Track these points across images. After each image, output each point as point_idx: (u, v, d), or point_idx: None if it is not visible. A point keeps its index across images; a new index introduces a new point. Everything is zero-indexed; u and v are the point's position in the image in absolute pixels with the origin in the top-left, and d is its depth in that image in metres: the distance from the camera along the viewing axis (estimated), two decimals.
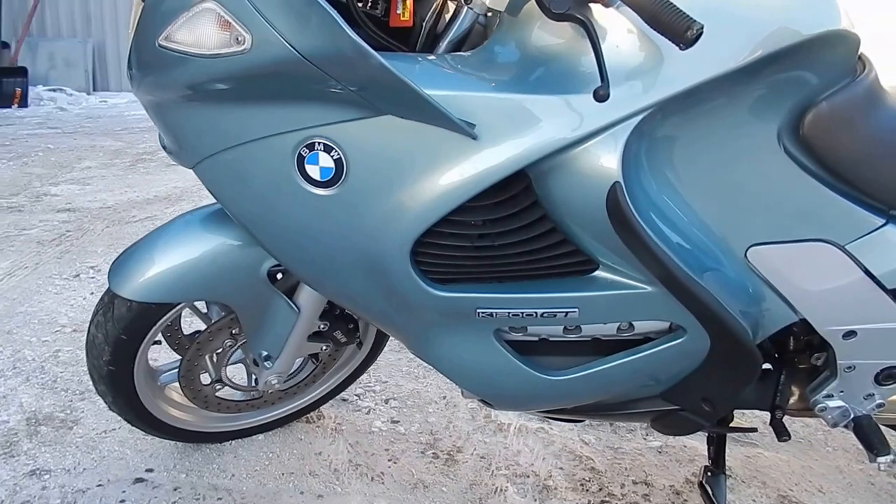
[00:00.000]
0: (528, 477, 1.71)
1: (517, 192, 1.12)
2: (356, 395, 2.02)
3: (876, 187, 1.20)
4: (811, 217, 1.21)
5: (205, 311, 1.62)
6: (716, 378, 1.30)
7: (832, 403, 1.42)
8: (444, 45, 1.19)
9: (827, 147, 1.17)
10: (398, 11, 1.19)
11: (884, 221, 1.22)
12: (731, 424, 1.56)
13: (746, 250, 1.23)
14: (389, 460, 1.76)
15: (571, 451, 1.81)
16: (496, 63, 1.14)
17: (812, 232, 1.22)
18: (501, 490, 1.67)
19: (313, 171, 1.10)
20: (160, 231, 1.47)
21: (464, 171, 1.09)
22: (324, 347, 1.64)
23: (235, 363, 1.67)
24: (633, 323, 1.27)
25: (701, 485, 1.51)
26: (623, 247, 1.13)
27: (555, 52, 1.10)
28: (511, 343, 1.32)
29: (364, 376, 2.07)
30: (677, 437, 1.88)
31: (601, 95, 0.99)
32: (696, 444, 1.84)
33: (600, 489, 1.68)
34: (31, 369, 2.13)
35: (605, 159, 1.08)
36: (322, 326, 1.57)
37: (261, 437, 1.83)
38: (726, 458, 1.73)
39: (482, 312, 1.22)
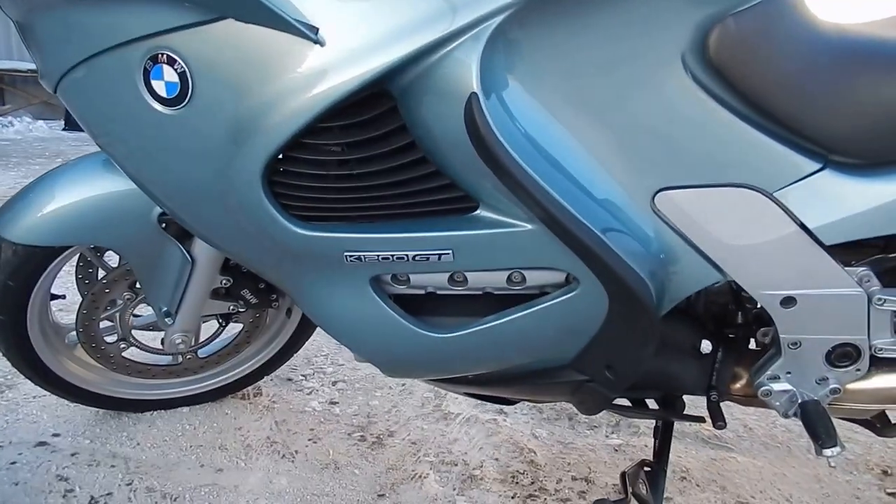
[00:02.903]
0: (456, 465, 1.54)
1: (380, 112, 0.98)
2: (303, 376, 1.89)
3: (810, 126, 1.01)
4: (730, 157, 1.02)
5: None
6: (615, 340, 1.12)
7: (777, 387, 1.21)
8: None
9: (739, 74, 0.99)
10: None
11: (820, 166, 1.02)
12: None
13: (654, 195, 1.05)
14: (310, 440, 1.62)
15: (515, 442, 1.63)
16: None
17: (732, 175, 1.03)
18: (421, 476, 1.50)
19: (159, 87, 0.99)
20: (54, 172, 1.39)
21: (310, 82, 0.95)
22: (231, 307, 1.52)
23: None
24: (525, 274, 1.10)
25: (623, 475, 1.31)
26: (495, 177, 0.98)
27: None
28: (398, 299, 1.17)
29: (318, 358, 1.96)
30: (640, 436, 1.68)
31: None
32: None
33: (532, 483, 1.49)
34: None
35: (463, 67, 0.94)
36: (224, 282, 1.46)
37: (186, 409, 1.72)
38: (689, 459, 1.54)
39: (350, 256, 1.08)
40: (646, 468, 1.34)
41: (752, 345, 1.28)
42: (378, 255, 1.07)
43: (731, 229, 1.05)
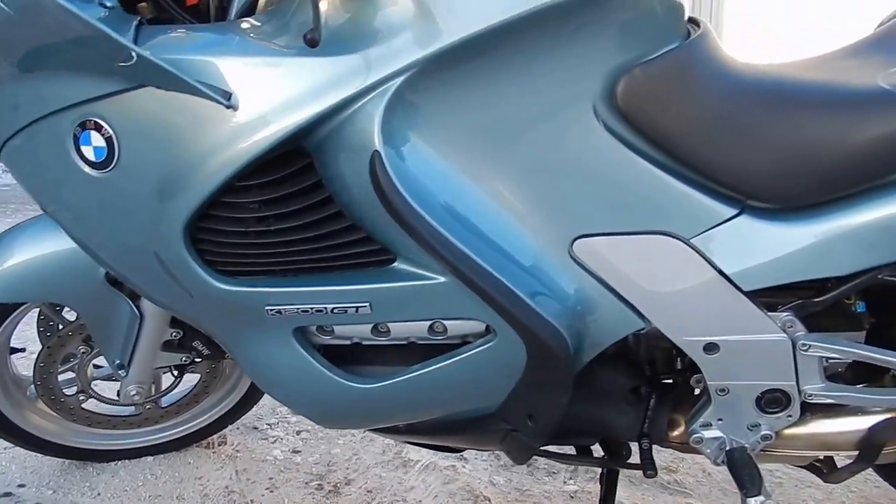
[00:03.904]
0: None
1: (295, 169, 1.02)
2: (268, 425, 1.92)
3: (725, 172, 1.03)
4: (646, 204, 1.04)
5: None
6: (534, 390, 1.13)
7: (708, 434, 1.22)
8: (232, 13, 1.11)
9: (648, 122, 1.02)
10: None
11: (736, 212, 1.04)
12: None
13: (572, 242, 1.07)
14: (267, 489, 1.64)
15: (471, 490, 1.63)
16: (275, 26, 1.06)
17: (648, 222, 1.05)
18: None
19: (88, 152, 1.05)
20: (13, 230, 1.44)
21: (224, 144, 1.00)
22: (184, 359, 1.55)
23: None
24: (446, 324, 1.12)
25: None
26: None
27: (325, 12, 1.00)
28: (328, 349, 1.19)
29: (283, 407, 1.96)
30: (597, 482, 1.67)
31: (310, 40, 0.91)
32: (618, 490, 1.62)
33: None
34: None
35: (366, 127, 0.98)
36: (174, 335, 1.49)
37: (150, 458, 1.75)
38: None
39: (271, 309, 1.11)
40: None
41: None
42: (298, 309, 1.10)
43: (650, 276, 1.07)
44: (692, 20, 1.07)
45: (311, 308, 1.09)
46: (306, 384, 1.19)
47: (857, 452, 1.22)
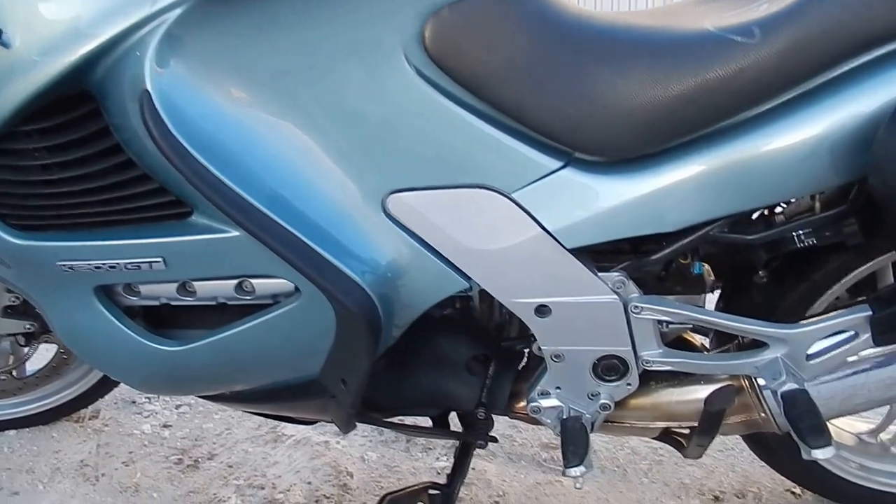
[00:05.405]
0: (263, 489, 1.49)
1: (80, 115, 0.95)
2: (147, 399, 1.85)
3: (548, 122, 0.96)
4: (463, 156, 0.97)
5: None
6: (344, 353, 1.06)
7: (546, 403, 1.16)
8: None
9: (463, 67, 0.95)
10: None
11: (561, 164, 0.97)
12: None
13: (385, 198, 1.00)
14: (123, 463, 1.58)
15: (336, 465, 1.57)
16: None
17: (467, 175, 0.98)
18: (222, 500, 1.45)
19: None
20: None
21: None
22: (28, 327, 1.48)
23: None
24: (253, 283, 1.05)
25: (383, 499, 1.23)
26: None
27: None
28: (139, 311, 1.13)
29: None
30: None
31: None
32: (488, 466, 1.57)
33: None
34: None
35: (140, 66, 0.91)
36: (12, 300, 1.42)
37: (13, 432, 1.68)
38: (514, 483, 1.48)
39: (63, 265, 1.04)
40: (431, 491, 1.27)
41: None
42: (90, 265, 1.03)
43: (472, 233, 1.01)
44: None
45: (104, 264, 1.03)
46: (113, 347, 1.12)
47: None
